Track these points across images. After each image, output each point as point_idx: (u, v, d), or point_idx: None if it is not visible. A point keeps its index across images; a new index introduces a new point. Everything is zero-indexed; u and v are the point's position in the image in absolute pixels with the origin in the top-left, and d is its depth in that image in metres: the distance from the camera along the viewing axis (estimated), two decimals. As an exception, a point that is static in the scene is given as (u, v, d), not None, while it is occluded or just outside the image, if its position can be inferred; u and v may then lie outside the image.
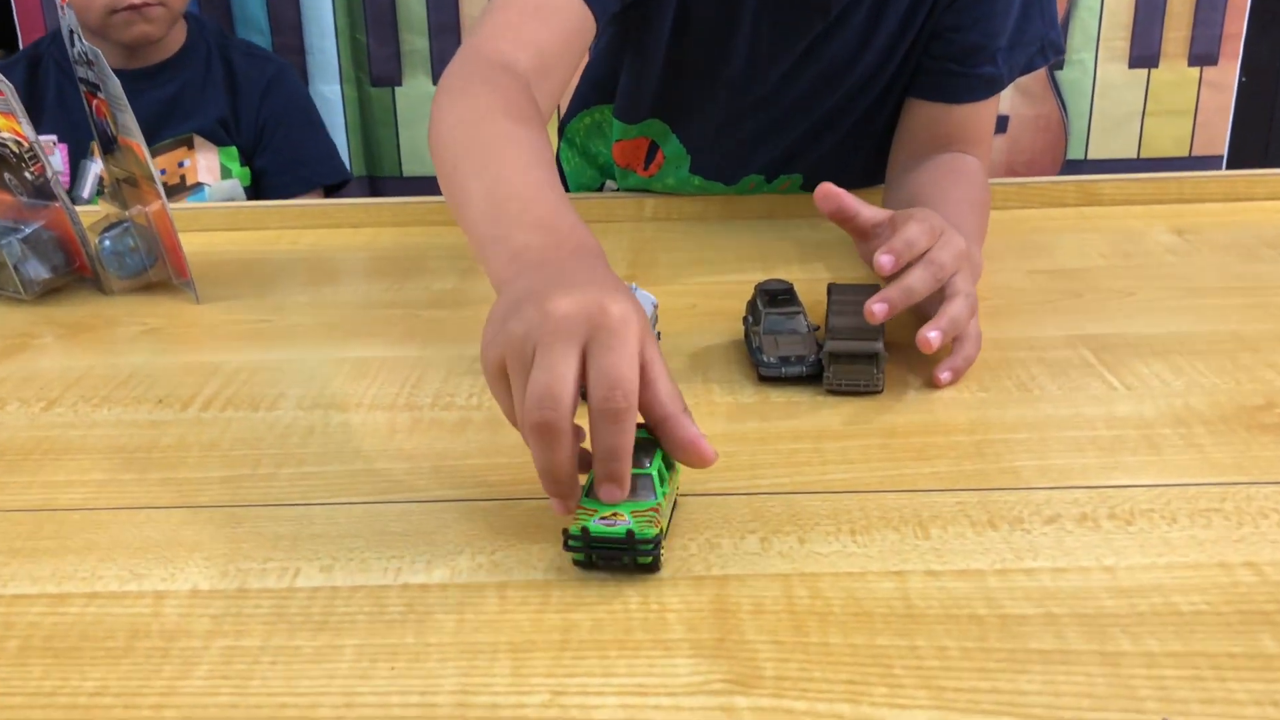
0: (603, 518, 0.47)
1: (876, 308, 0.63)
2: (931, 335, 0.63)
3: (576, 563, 0.48)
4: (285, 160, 1.57)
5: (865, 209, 0.69)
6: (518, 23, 0.76)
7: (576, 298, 0.47)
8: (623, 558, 0.47)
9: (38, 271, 0.85)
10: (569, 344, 0.46)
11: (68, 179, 1.50)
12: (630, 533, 0.46)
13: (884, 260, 0.64)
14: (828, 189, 0.68)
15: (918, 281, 0.64)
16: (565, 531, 0.47)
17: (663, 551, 0.48)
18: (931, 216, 0.67)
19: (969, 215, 0.80)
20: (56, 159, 1.49)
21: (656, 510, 0.48)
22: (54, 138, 1.50)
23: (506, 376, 0.48)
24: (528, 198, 0.59)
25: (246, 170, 1.56)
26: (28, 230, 0.85)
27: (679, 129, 0.99)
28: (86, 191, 1.49)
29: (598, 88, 1.05)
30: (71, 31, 0.82)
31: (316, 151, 1.60)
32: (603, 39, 1.03)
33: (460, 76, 0.72)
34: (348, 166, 1.68)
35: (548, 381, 0.45)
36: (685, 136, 1.00)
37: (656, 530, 0.47)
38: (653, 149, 1.01)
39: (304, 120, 1.60)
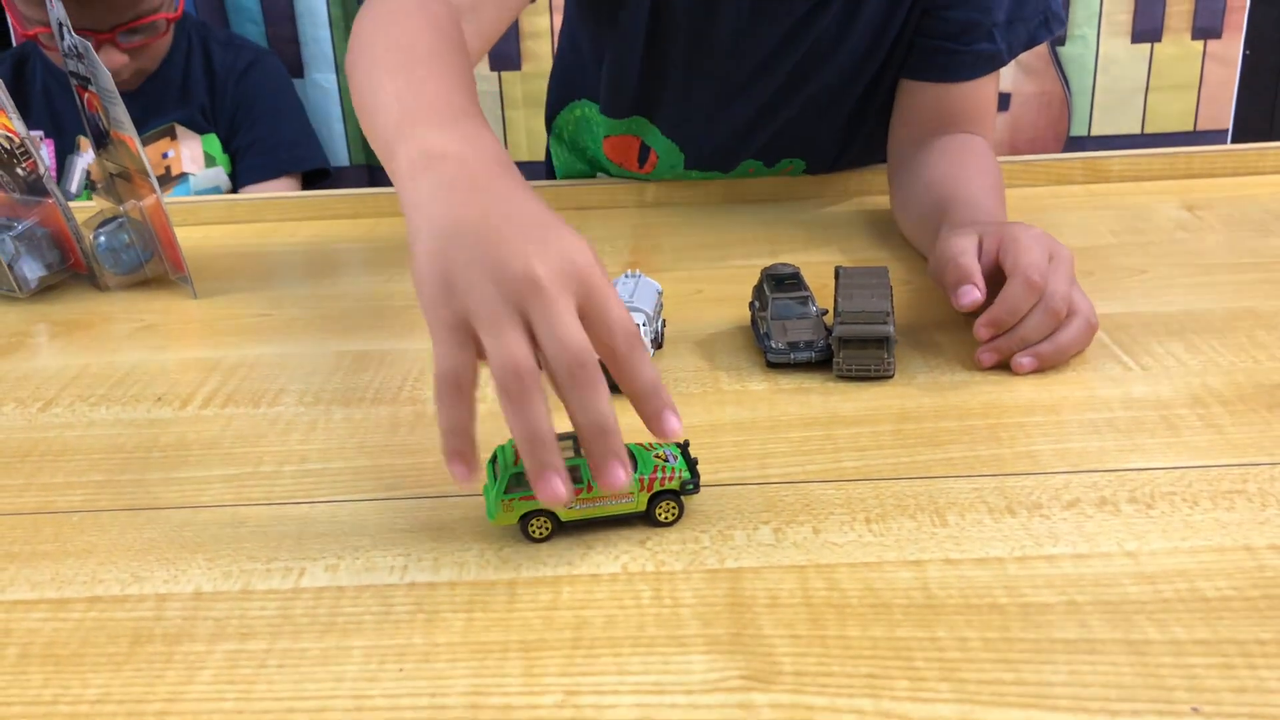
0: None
1: (985, 357, 0.63)
2: (1025, 361, 0.62)
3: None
4: (257, 143, 1.55)
5: (979, 269, 0.65)
6: None
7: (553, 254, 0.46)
8: None
9: (32, 269, 0.84)
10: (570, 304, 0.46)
11: (55, 175, 1.49)
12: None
13: (982, 333, 0.63)
14: (972, 295, 0.64)
15: (1033, 331, 0.63)
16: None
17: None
18: (1028, 249, 0.63)
19: (996, 204, 0.79)
20: (44, 154, 1.48)
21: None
22: (40, 133, 1.48)
23: (464, 322, 0.46)
24: (447, 105, 0.57)
25: (228, 158, 1.55)
26: (21, 227, 0.83)
27: (666, 125, 0.97)
28: (74, 187, 1.48)
29: (580, 82, 1.03)
30: (61, 24, 0.81)
31: (291, 136, 1.58)
32: (580, 29, 1.01)
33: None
34: (345, 156, 1.66)
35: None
36: (673, 132, 0.98)
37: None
38: (644, 149, 1.00)
39: (279, 104, 1.58)
